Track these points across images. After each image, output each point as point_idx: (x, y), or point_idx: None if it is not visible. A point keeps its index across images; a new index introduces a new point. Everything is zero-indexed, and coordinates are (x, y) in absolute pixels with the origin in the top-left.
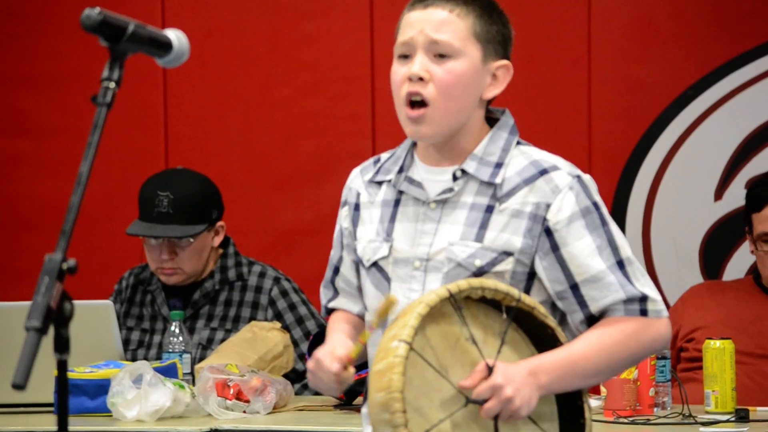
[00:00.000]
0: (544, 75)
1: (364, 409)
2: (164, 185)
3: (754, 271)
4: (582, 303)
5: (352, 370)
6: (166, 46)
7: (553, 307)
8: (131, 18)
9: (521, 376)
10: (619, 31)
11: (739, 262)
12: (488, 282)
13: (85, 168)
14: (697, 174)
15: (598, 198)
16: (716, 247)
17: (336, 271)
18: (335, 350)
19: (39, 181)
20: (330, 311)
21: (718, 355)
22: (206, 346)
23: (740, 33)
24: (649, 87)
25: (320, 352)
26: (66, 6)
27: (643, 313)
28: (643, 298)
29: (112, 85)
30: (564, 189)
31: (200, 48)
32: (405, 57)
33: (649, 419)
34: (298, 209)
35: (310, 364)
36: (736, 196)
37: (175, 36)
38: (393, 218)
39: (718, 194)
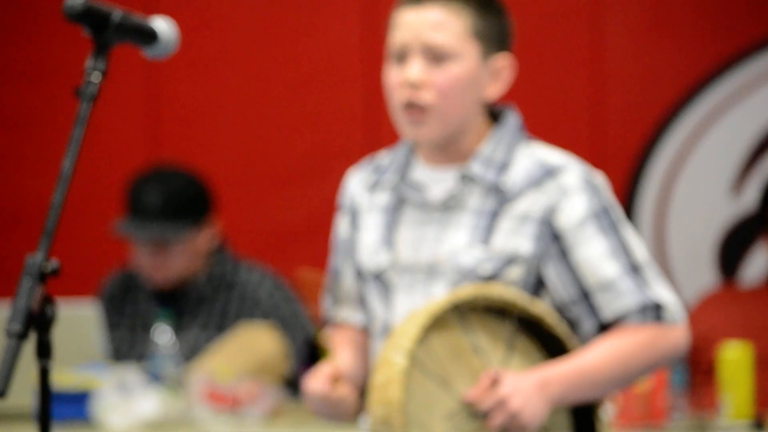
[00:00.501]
0: (554, 68)
1: (363, 423)
2: (153, 183)
3: None
4: (594, 311)
5: (345, 389)
6: (152, 35)
7: (561, 314)
8: (120, 8)
9: (531, 388)
10: (632, 21)
11: (757, 260)
12: (494, 289)
13: (68, 164)
14: (714, 170)
15: (610, 199)
16: (733, 245)
17: (335, 278)
18: (321, 371)
19: (21, 176)
20: (330, 320)
21: (734, 360)
22: (197, 350)
23: (742, 29)
24: (662, 77)
25: (308, 385)
26: None
27: (658, 320)
28: (658, 305)
29: (97, 76)
30: (574, 190)
31: (192, 42)
32: (400, 59)
33: (662, 426)
34: (292, 207)
35: (308, 402)
36: (754, 192)
37: (162, 24)
38: (395, 224)
39: (735, 191)
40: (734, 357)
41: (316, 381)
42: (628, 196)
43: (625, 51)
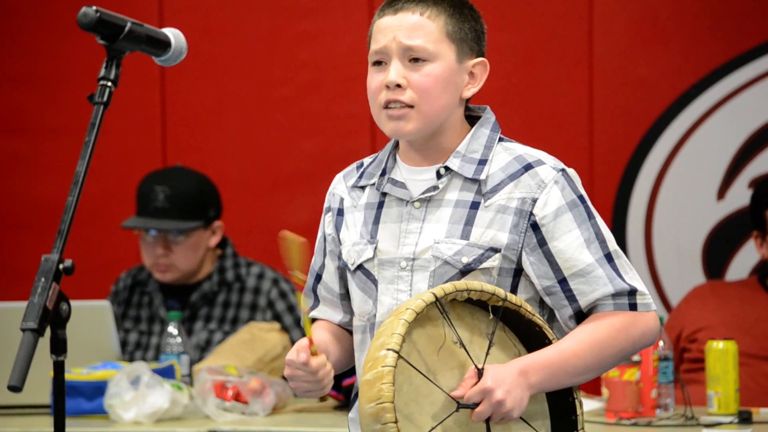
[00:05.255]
0: (546, 74)
1: (351, 414)
2: (162, 180)
3: (758, 270)
4: (571, 297)
5: (322, 356)
6: (163, 44)
7: (541, 305)
8: (128, 17)
9: (511, 377)
10: (621, 31)
11: (742, 262)
12: (473, 283)
13: (81, 168)
14: (699, 174)
15: (583, 191)
16: (719, 247)
17: (318, 278)
18: (297, 343)
19: (36, 180)
20: (311, 321)
21: (721, 356)
22: (204, 348)
23: (742, 32)
24: (651, 86)
25: (287, 356)
26: (64, 5)
27: (632, 306)
28: (632, 292)
29: (109, 83)
30: (549, 183)
31: (198, 47)
32: (380, 63)
33: (651, 421)
34: (297, 209)
35: (286, 371)
36: (738, 195)
37: (172, 35)
38: (377, 220)
39: (721, 194)
40: (720, 352)
41: (293, 352)
42: (618, 199)
43: (615, 59)
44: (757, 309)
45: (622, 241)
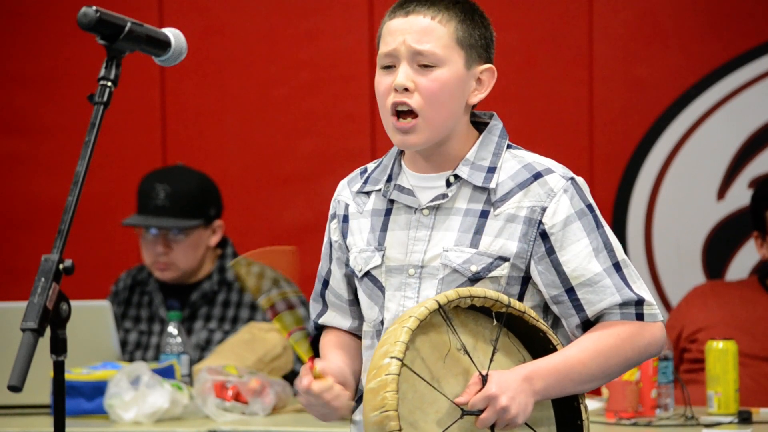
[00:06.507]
0: (546, 75)
1: (356, 416)
2: (163, 179)
3: (759, 270)
4: (578, 307)
5: (327, 380)
6: (163, 44)
7: (545, 311)
8: (128, 17)
9: (516, 383)
10: (621, 31)
11: (742, 262)
12: (477, 290)
13: (81, 168)
14: (699, 174)
15: (592, 200)
16: (719, 247)
17: (325, 284)
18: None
19: (37, 180)
20: (319, 327)
21: (721, 356)
22: (204, 347)
23: (741, 32)
24: (651, 86)
25: (295, 384)
26: (65, 5)
27: (639, 317)
28: (640, 302)
29: (109, 84)
30: (559, 192)
31: (198, 47)
32: (389, 66)
33: (651, 421)
34: (297, 209)
35: (301, 399)
36: (738, 195)
37: (172, 35)
38: (384, 227)
39: (721, 194)
40: (720, 352)
41: (299, 379)
42: (618, 199)
43: (615, 59)
44: (758, 309)
45: (622, 241)
